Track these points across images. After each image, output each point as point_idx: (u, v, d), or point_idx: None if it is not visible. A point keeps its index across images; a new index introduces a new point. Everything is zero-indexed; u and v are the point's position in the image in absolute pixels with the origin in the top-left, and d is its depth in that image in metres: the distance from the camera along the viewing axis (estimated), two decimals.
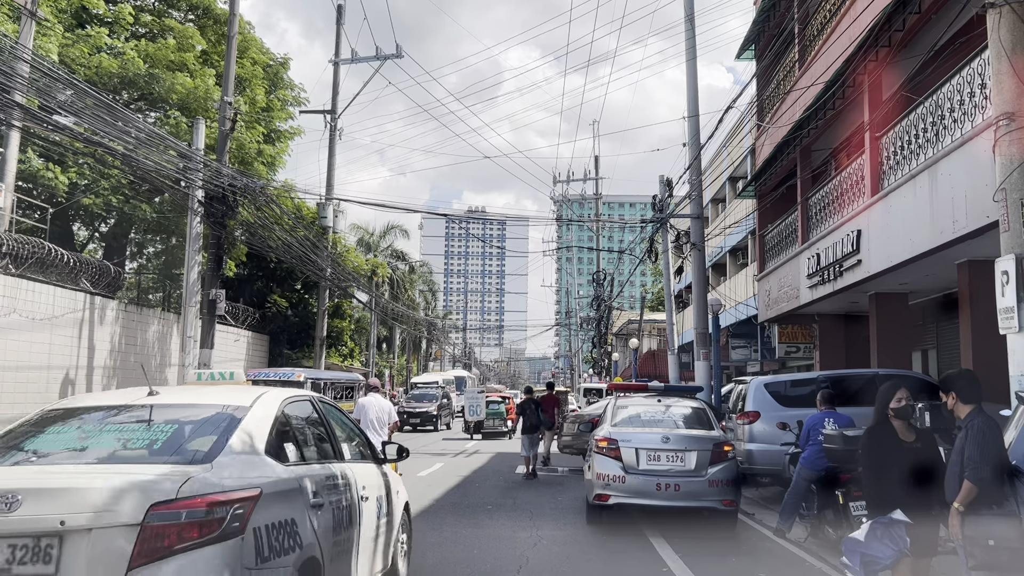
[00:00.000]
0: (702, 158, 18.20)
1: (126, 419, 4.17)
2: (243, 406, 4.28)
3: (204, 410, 4.23)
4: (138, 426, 4.05)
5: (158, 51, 20.25)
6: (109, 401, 4.56)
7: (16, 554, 3.16)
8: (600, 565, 7.29)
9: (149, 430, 3.99)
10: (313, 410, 5.14)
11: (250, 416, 4.18)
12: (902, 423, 4.94)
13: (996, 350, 7.13)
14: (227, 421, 4.06)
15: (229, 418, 4.10)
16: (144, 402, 4.30)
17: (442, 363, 66.53)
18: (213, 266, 17.90)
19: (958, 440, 4.73)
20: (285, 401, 4.70)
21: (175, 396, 4.73)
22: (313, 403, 5.23)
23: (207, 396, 4.60)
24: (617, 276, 43.55)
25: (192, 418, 4.13)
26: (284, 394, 4.85)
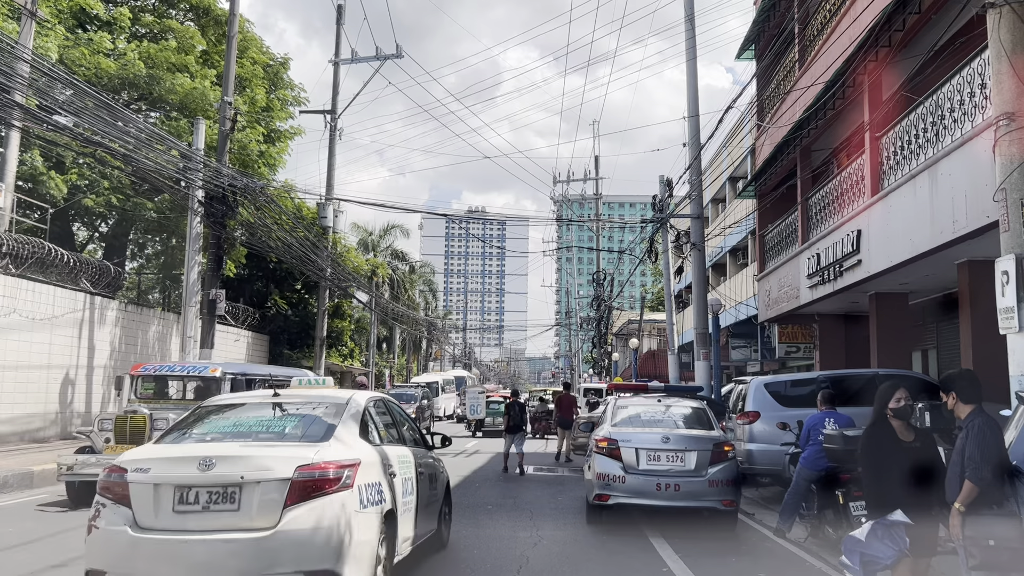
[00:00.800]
0: (702, 158, 18.20)
1: (264, 412, 5.86)
2: (340, 403, 5.96)
3: (316, 406, 5.93)
4: (273, 417, 5.79)
5: (159, 52, 20.24)
6: (248, 400, 6.32)
7: (212, 497, 4.89)
8: (600, 565, 7.29)
9: (282, 419, 5.75)
10: (386, 408, 6.92)
11: (348, 409, 5.87)
12: (901, 423, 4.93)
13: (996, 350, 7.13)
14: (333, 414, 5.76)
15: (334, 411, 5.80)
16: (273, 400, 5.98)
17: (442, 363, 66.52)
18: (213, 266, 17.91)
19: (959, 440, 4.73)
20: (369, 400, 6.39)
21: (293, 396, 6.23)
22: (386, 403, 7.06)
23: (315, 394, 6.35)
24: (617, 276, 43.55)
25: (310, 411, 5.86)
26: (368, 395, 6.59)
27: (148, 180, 16.01)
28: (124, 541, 4.80)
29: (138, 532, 4.81)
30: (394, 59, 26.00)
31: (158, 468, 4.98)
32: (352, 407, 5.95)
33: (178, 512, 4.84)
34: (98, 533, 4.89)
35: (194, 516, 4.83)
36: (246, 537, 4.76)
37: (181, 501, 4.86)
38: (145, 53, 20.05)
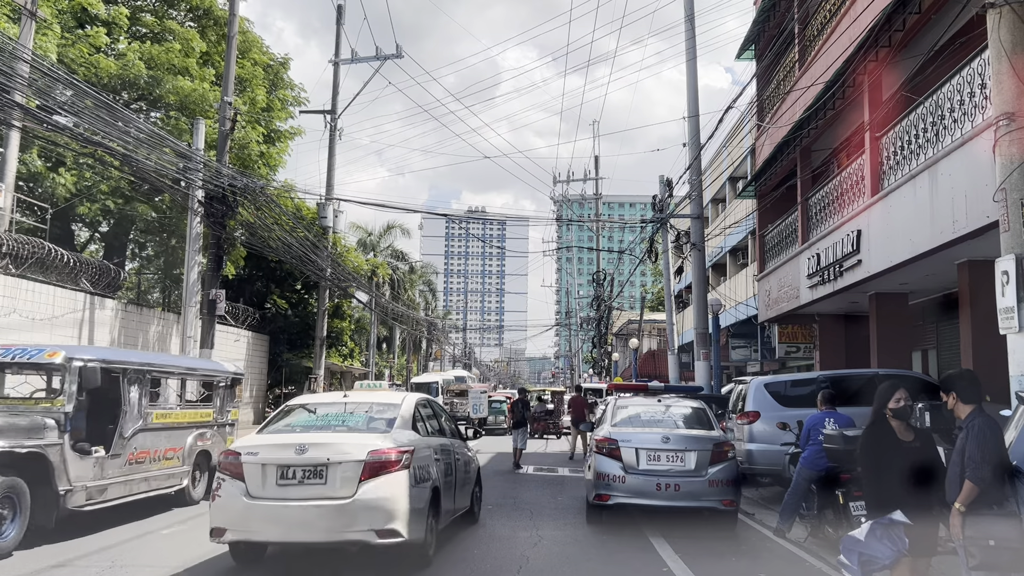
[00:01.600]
0: (702, 158, 18.20)
1: (338, 410, 7.50)
2: (396, 404, 7.58)
3: (377, 405, 7.59)
4: (346, 413, 7.42)
5: (161, 54, 20.23)
6: (324, 400, 8.36)
7: (306, 474, 6.39)
8: (600, 565, 7.30)
9: (353, 416, 7.36)
10: (430, 407, 8.55)
11: (402, 408, 7.45)
12: (901, 423, 4.93)
13: (996, 350, 7.13)
14: (391, 410, 7.37)
15: (392, 409, 7.40)
16: (343, 401, 7.72)
17: (442, 363, 66.51)
18: (213, 266, 17.90)
19: (959, 440, 4.72)
20: (418, 400, 8.04)
21: (359, 397, 8.02)
22: (430, 402, 8.72)
23: (375, 397, 8.33)
24: (617, 276, 43.55)
25: (372, 409, 7.47)
26: (416, 396, 8.24)
27: (148, 180, 16.00)
28: (239, 506, 6.34)
29: (250, 500, 6.33)
30: (394, 59, 26.01)
31: (264, 452, 6.50)
32: (405, 406, 7.54)
33: (280, 485, 6.37)
34: (219, 500, 6.46)
35: (292, 488, 6.37)
36: (331, 504, 6.28)
37: (282, 477, 6.41)
38: (147, 54, 20.04)
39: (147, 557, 7.02)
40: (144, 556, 7.06)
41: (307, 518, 6.26)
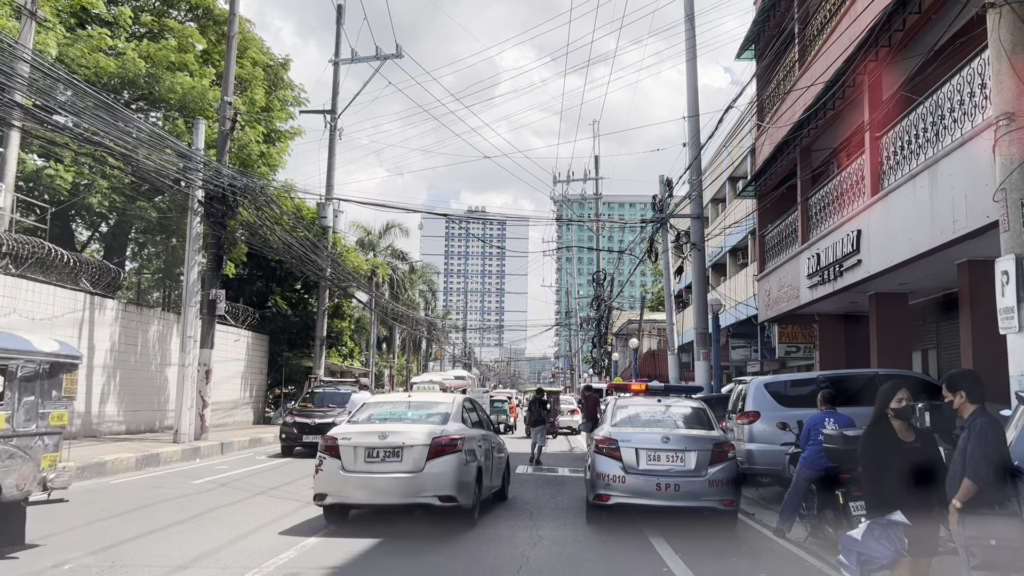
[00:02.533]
0: (702, 158, 18.20)
1: (404, 407, 9.76)
2: (447, 402, 9.90)
3: (434, 403, 9.90)
4: (410, 409, 9.62)
5: (159, 52, 20.23)
6: (395, 399, 10.91)
7: (386, 454, 8.47)
8: (600, 565, 7.29)
9: (416, 411, 9.53)
10: (472, 405, 10.68)
11: (452, 406, 9.65)
12: (902, 423, 4.93)
13: (996, 350, 7.13)
14: (444, 407, 9.60)
15: (445, 406, 9.66)
16: (408, 400, 10.12)
17: (442, 363, 66.52)
18: (213, 266, 17.91)
19: (961, 440, 4.72)
20: (464, 399, 10.27)
21: (418, 397, 10.46)
22: (472, 401, 10.98)
23: (432, 397, 10.99)
24: (617, 276, 43.55)
25: (430, 406, 9.71)
26: (463, 396, 10.71)
27: (148, 180, 16.00)
28: (337, 478, 8.48)
29: (345, 473, 8.47)
30: (394, 59, 26.02)
31: (355, 438, 8.64)
32: (455, 404, 9.77)
33: (367, 462, 8.48)
34: (322, 473, 8.54)
35: (376, 464, 8.50)
36: (405, 476, 8.42)
37: (369, 456, 8.50)
38: (145, 52, 20.03)
39: (147, 557, 7.03)
40: (144, 556, 7.07)
41: (387, 486, 8.43)
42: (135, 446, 15.54)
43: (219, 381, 21.32)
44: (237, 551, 7.29)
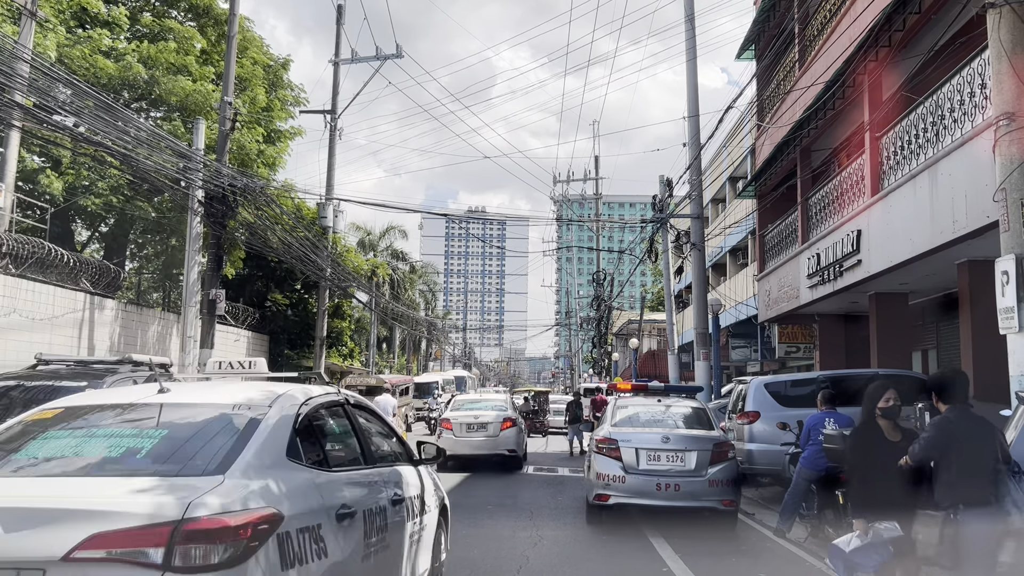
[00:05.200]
0: (702, 158, 18.20)
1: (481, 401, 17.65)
2: (504, 398, 18.37)
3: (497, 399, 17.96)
4: (484, 400, 17.87)
5: (159, 53, 20.23)
6: (472, 397, 19.15)
7: (478, 428, 15.84)
8: (600, 565, 7.29)
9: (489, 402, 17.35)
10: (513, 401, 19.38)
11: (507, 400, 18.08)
12: (889, 423, 5.01)
13: (996, 350, 7.12)
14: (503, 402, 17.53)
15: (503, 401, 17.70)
16: (481, 397, 18.75)
17: (442, 363, 66.53)
18: (213, 266, 17.91)
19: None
20: (511, 395, 22.12)
21: (487, 396, 19.57)
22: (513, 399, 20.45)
23: (493, 396, 19.91)
24: (617, 276, 43.54)
25: (495, 401, 17.57)
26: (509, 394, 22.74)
27: (148, 180, 16.00)
28: (451, 440, 14.96)
29: (455, 437, 15.10)
30: (394, 59, 26.01)
31: (458, 419, 15.65)
32: (509, 400, 17.80)
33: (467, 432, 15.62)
34: (442, 439, 14.69)
35: (473, 433, 15.57)
36: (489, 439, 15.36)
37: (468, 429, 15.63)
38: (144, 53, 20.03)
39: None
40: None
41: (479, 444, 15.17)
42: None
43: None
44: None
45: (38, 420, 3.78)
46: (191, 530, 2.78)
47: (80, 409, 3.89)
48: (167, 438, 3.46)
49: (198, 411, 3.74)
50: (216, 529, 2.83)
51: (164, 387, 4.05)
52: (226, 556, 2.82)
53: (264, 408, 3.72)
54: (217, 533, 2.83)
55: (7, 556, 2.72)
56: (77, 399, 4.20)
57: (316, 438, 4.02)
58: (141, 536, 2.75)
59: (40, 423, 3.74)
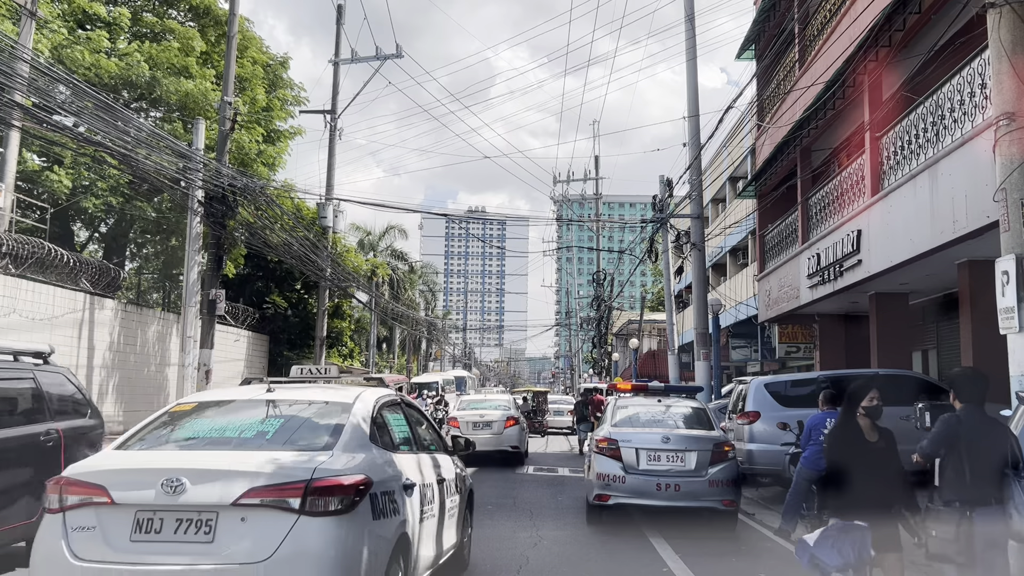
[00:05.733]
0: (702, 158, 18.20)
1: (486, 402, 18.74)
2: (508, 400, 19.22)
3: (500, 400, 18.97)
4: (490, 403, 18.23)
5: (161, 53, 20.23)
6: (478, 398, 20.47)
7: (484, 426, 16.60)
8: (600, 565, 7.29)
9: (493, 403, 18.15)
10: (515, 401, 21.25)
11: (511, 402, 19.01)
12: (868, 423, 5.05)
13: (996, 350, 7.12)
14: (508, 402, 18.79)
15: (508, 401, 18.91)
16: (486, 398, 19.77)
17: (442, 363, 66.53)
18: (213, 266, 17.90)
19: None
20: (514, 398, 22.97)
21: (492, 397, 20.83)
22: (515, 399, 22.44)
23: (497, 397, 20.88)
24: (617, 276, 43.54)
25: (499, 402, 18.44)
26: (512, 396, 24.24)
27: (148, 180, 15.99)
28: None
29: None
30: (394, 59, 26.01)
31: (465, 417, 16.52)
32: (512, 400, 18.99)
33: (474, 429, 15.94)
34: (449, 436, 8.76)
35: (479, 430, 15.80)
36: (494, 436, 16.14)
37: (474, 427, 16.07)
38: (147, 54, 20.03)
39: None
40: None
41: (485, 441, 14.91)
42: None
43: (219, 381, 21.30)
44: None
45: (179, 411, 4.98)
46: (318, 487, 3.98)
47: (211, 403, 5.19)
48: (284, 425, 4.69)
49: (302, 406, 4.97)
50: (335, 487, 4.04)
51: (271, 387, 5.34)
52: (340, 506, 4.03)
53: (350, 404, 4.91)
54: (335, 490, 4.03)
55: (194, 502, 3.90)
56: (205, 395, 5.56)
57: (385, 428, 5.21)
58: (284, 490, 3.94)
59: (182, 413, 4.95)
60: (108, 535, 3.90)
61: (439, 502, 5.66)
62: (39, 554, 4.02)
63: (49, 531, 3.99)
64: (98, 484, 3.98)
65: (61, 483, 4.07)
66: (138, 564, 3.81)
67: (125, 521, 3.91)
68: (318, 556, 3.88)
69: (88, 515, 3.95)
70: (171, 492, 3.89)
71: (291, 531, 3.87)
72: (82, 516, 3.95)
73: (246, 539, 3.85)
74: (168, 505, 3.89)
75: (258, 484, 3.92)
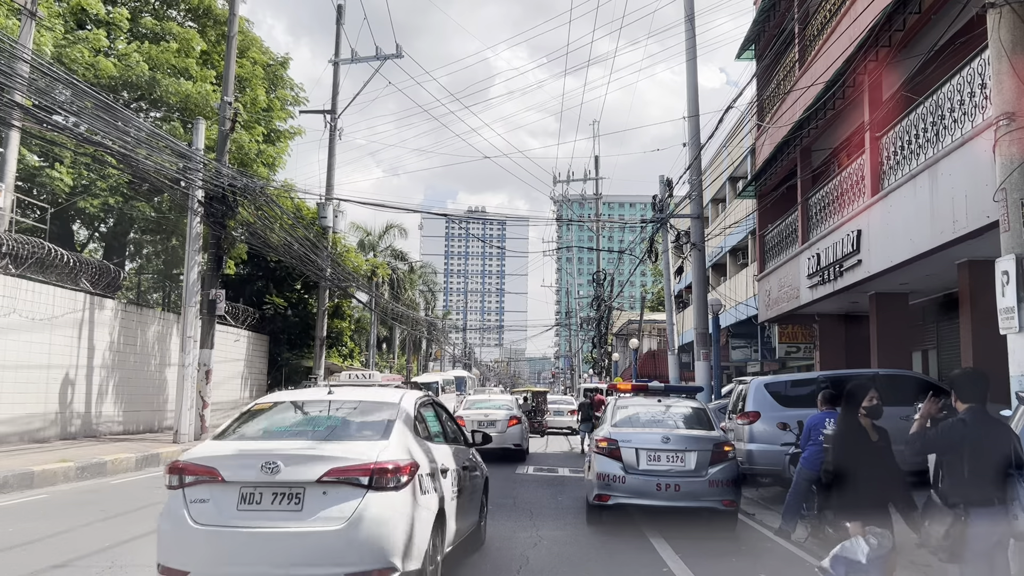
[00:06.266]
0: (702, 158, 18.19)
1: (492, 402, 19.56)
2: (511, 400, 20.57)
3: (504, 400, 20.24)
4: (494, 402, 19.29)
5: (160, 54, 20.22)
6: (484, 397, 21.28)
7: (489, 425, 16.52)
8: (600, 565, 7.29)
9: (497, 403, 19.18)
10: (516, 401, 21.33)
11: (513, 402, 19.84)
12: (869, 423, 5.10)
13: (996, 350, 7.12)
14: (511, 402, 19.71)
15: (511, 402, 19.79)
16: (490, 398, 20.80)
17: (442, 363, 66.52)
18: (213, 266, 17.90)
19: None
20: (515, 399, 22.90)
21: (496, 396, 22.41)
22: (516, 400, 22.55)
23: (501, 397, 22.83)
24: (617, 276, 43.55)
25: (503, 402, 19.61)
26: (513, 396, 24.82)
27: (148, 180, 15.99)
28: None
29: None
30: (394, 59, 26.01)
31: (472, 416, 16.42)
32: (514, 400, 20.51)
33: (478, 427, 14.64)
34: None
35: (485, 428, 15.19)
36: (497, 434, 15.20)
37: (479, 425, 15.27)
38: (147, 55, 20.02)
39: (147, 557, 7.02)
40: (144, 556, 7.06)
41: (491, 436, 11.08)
42: (135, 446, 15.53)
43: (219, 381, 21.31)
44: None
45: (260, 409, 6.08)
46: (381, 468, 4.98)
47: (286, 403, 6.26)
48: (346, 419, 5.79)
49: (358, 404, 6.01)
50: (393, 468, 5.03)
51: (332, 389, 6.35)
52: (398, 483, 5.02)
53: (396, 403, 5.94)
54: (393, 471, 5.02)
55: (287, 479, 4.89)
56: (279, 396, 6.54)
57: (423, 422, 6.25)
58: (356, 470, 4.94)
59: (262, 410, 6.05)
60: (219, 506, 4.90)
61: (464, 486, 6.70)
62: (167, 521, 4.99)
63: (173, 503, 4.99)
64: (211, 467, 4.99)
65: (180, 466, 5.05)
66: (244, 527, 4.82)
67: (232, 495, 4.92)
68: (382, 522, 4.86)
69: (203, 491, 4.95)
70: (269, 472, 4.88)
71: (361, 502, 4.86)
72: (199, 491, 4.95)
73: (327, 508, 4.85)
74: (266, 482, 4.89)
75: (336, 466, 4.92)
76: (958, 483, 4.54)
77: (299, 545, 4.79)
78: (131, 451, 14.36)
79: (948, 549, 4.52)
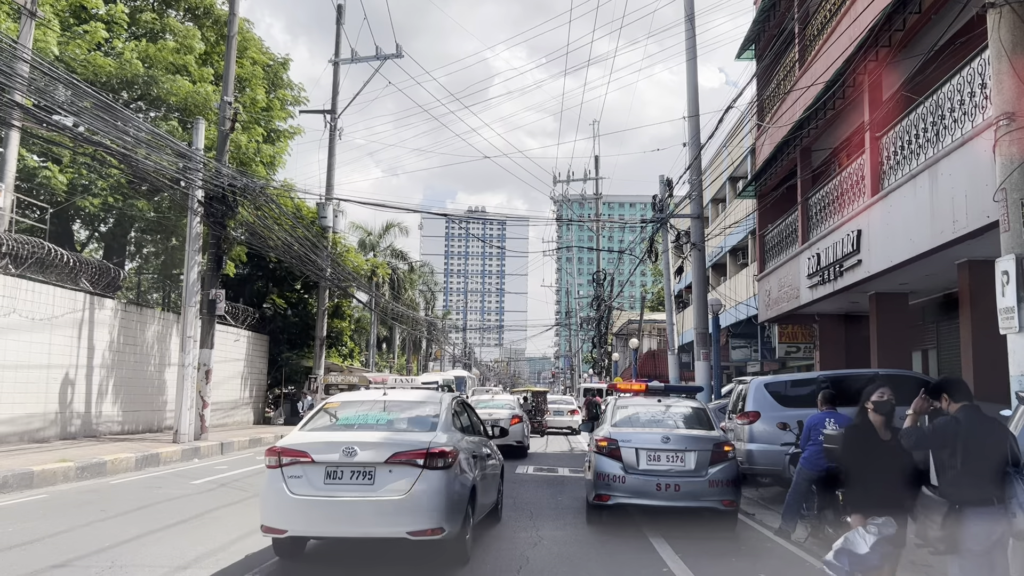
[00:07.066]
0: (702, 158, 18.19)
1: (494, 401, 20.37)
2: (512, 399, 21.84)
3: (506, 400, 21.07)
4: (496, 401, 20.39)
5: (157, 52, 20.20)
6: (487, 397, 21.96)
7: (493, 424, 15.65)
8: (600, 565, 7.29)
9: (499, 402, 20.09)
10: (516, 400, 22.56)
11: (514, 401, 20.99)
12: (881, 421, 5.05)
13: (996, 350, 7.13)
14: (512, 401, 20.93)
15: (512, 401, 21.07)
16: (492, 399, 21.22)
17: (442, 363, 66.52)
18: (213, 266, 17.90)
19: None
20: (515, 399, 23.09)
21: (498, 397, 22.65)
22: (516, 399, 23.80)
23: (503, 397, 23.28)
24: (617, 276, 43.55)
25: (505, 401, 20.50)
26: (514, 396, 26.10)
27: (147, 180, 15.99)
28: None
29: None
30: (394, 59, 26.01)
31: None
32: (515, 400, 21.64)
33: None
34: None
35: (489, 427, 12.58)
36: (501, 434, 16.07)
37: None
38: (143, 53, 20.00)
39: (147, 557, 7.03)
40: (144, 556, 7.07)
41: None
42: (135, 446, 15.53)
43: (219, 381, 21.31)
44: (237, 551, 7.28)
45: (331, 407, 7.53)
46: (432, 452, 6.38)
47: (351, 402, 7.71)
48: (401, 414, 7.21)
49: (409, 403, 7.49)
50: (441, 452, 6.42)
51: (386, 392, 7.80)
52: (445, 464, 6.39)
53: (439, 401, 7.53)
54: (441, 455, 6.40)
55: (362, 460, 6.28)
56: (345, 397, 8.13)
57: (458, 417, 7.75)
58: (415, 454, 6.34)
59: (333, 408, 7.50)
60: (311, 480, 6.29)
61: (487, 471, 8.15)
62: (270, 491, 6.32)
63: (273, 478, 6.33)
64: (304, 450, 6.36)
65: (278, 450, 6.43)
66: (330, 497, 6.24)
67: (320, 472, 6.31)
68: (435, 492, 6.23)
69: (298, 469, 6.32)
70: (348, 455, 6.28)
71: (419, 478, 6.23)
72: (294, 470, 6.31)
73: (392, 482, 6.25)
74: (346, 462, 6.28)
75: (399, 450, 6.32)
76: (953, 480, 4.55)
77: (372, 510, 6.21)
78: (131, 451, 14.36)
79: (944, 540, 4.50)
